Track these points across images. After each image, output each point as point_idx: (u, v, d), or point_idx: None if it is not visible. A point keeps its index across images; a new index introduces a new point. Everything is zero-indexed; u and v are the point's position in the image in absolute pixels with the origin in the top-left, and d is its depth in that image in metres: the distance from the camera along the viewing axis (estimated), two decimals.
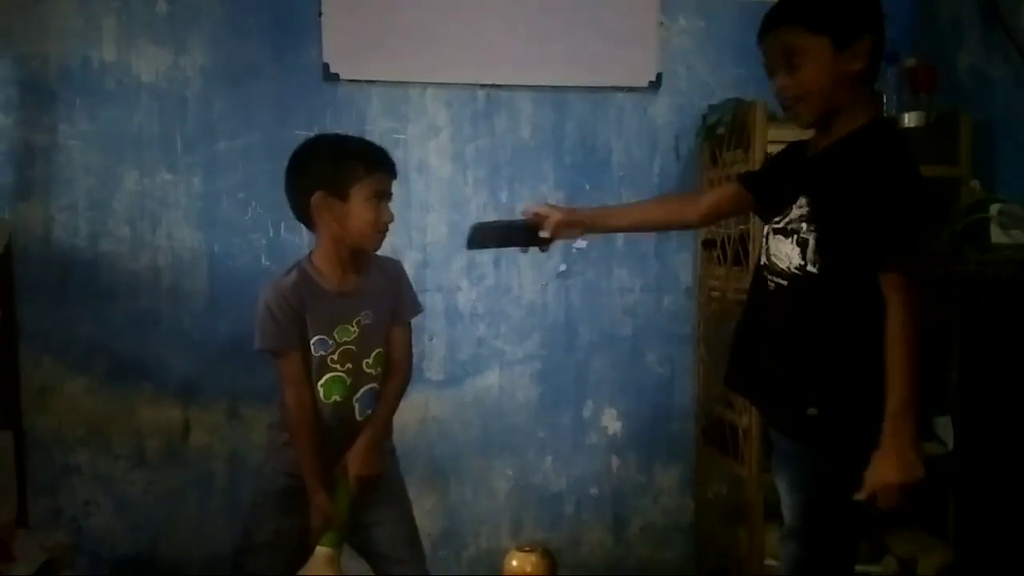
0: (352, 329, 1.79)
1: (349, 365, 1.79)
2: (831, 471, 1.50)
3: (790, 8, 1.49)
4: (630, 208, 1.98)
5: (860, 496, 1.43)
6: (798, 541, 1.57)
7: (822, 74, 1.45)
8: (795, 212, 1.51)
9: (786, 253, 1.52)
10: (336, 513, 1.75)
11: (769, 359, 1.56)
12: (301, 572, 1.74)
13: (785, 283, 1.52)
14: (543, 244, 1.76)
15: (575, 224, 1.77)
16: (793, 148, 1.66)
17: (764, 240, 1.59)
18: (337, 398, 1.79)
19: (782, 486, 1.60)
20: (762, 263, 1.59)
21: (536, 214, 1.75)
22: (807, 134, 1.59)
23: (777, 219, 1.55)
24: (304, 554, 1.75)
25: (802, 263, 1.49)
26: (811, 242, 1.48)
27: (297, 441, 1.77)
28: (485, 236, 1.78)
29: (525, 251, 1.83)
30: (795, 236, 1.50)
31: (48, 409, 2.39)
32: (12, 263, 2.32)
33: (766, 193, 1.65)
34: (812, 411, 1.49)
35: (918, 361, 1.40)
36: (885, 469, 1.40)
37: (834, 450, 1.50)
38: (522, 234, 1.76)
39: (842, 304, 1.47)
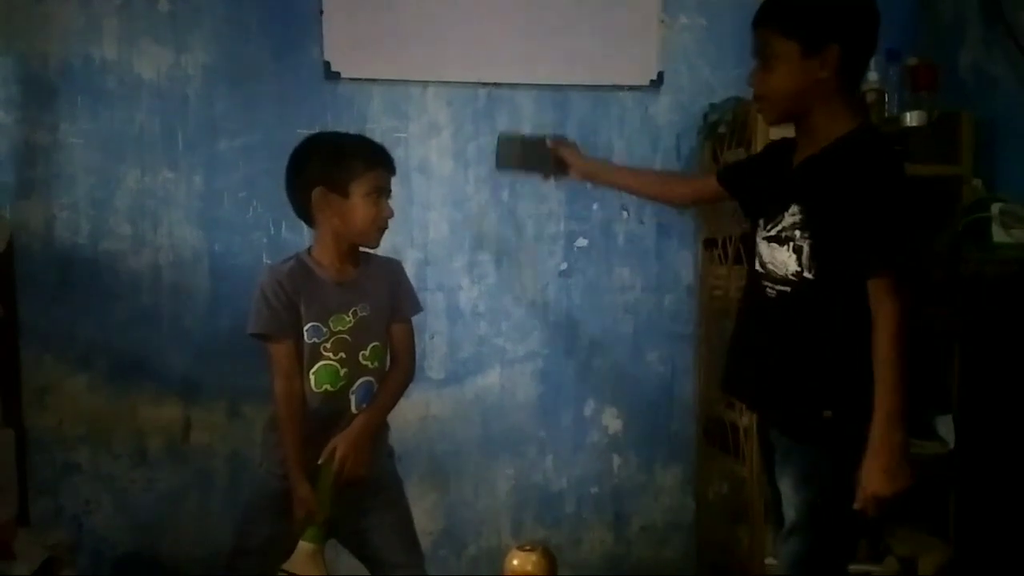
0: (347, 319, 1.80)
1: (342, 355, 1.79)
2: (838, 468, 1.51)
3: (768, 10, 1.55)
4: (628, 171, 2.20)
5: (856, 506, 1.46)
6: (801, 537, 1.58)
7: (788, 77, 1.51)
8: (788, 220, 1.54)
9: (782, 261, 1.54)
10: (319, 507, 1.73)
11: (776, 364, 1.57)
12: (284, 567, 1.72)
13: (788, 289, 1.54)
14: (561, 175, 2.00)
15: (587, 175, 2.03)
16: (775, 149, 1.69)
17: (757, 247, 1.62)
18: (328, 387, 1.79)
19: (786, 484, 1.60)
20: (758, 270, 1.62)
21: (557, 150, 1.96)
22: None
23: (769, 227, 1.58)
24: None
25: (799, 270, 1.52)
26: (806, 249, 1.51)
27: (283, 431, 1.77)
28: (511, 155, 1.96)
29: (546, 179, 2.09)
30: (790, 244, 1.53)
31: (49, 408, 2.39)
32: (13, 261, 2.32)
33: (748, 193, 1.69)
34: (827, 413, 1.51)
35: (907, 370, 1.41)
36: (875, 481, 1.43)
37: (844, 449, 1.50)
38: (545, 161, 1.96)
39: (843, 308, 1.49)
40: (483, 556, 2.62)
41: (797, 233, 1.51)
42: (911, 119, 2.30)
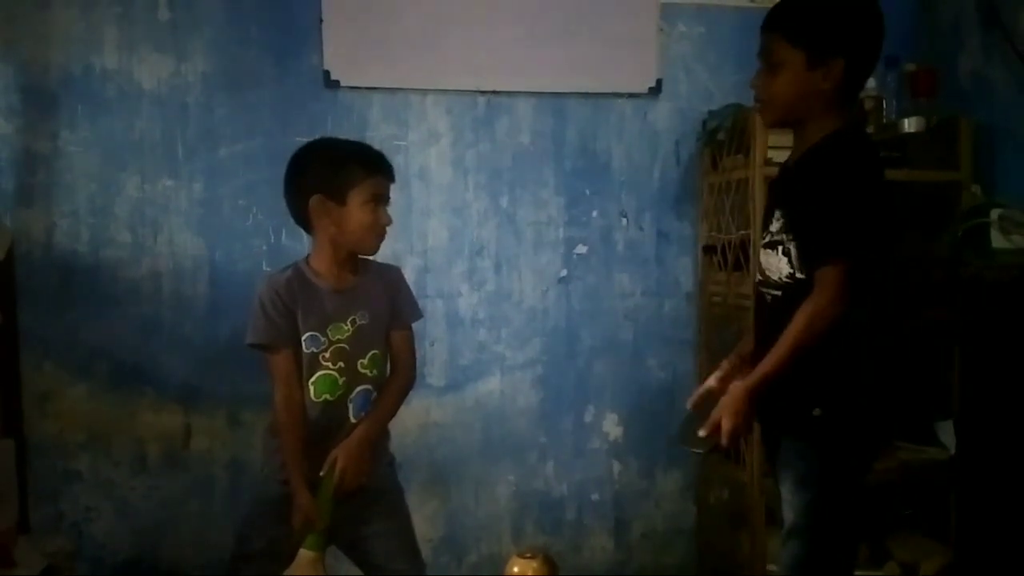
0: (345, 328, 1.79)
1: (341, 364, 1.78)
2: (835, 468, 1.54)
3: (778, 16, 1.57)
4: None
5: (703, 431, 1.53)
6: (801, 540, 1.58)
7: (791, 85, 1.54)
8: (775, 225, 1.58)
9: (776, 265, 1.58)
10: (318, 514, 1.72)
11: None
12: (284, 574, 1.72)
13: (779, 293, 1.58)
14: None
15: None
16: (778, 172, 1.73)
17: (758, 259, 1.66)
18: (328, 397, 1.78)
19: (786, 486, 1.61)
20: (758, 279, 1.66)
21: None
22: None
23: (764, 235, 1.62)
24: None
25: (791, 271, 1.55)
26: (793, 251, 1.54)
27: (283, 439, 1.76)
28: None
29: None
30: (780, 247, 1.56)
31: (49, 415, 2.39)
32: (14, 269, 2.32)
33: None
34: (816, 411, 1.53)
35: (800, 352, 1.46)
36: (733, 396, 1.52)
37: (837, 447, 1.53)
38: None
39: None
40: (484, 563, 2.61)
41: (784, 236, 1.55)
42: (910, 125, 2.31)
